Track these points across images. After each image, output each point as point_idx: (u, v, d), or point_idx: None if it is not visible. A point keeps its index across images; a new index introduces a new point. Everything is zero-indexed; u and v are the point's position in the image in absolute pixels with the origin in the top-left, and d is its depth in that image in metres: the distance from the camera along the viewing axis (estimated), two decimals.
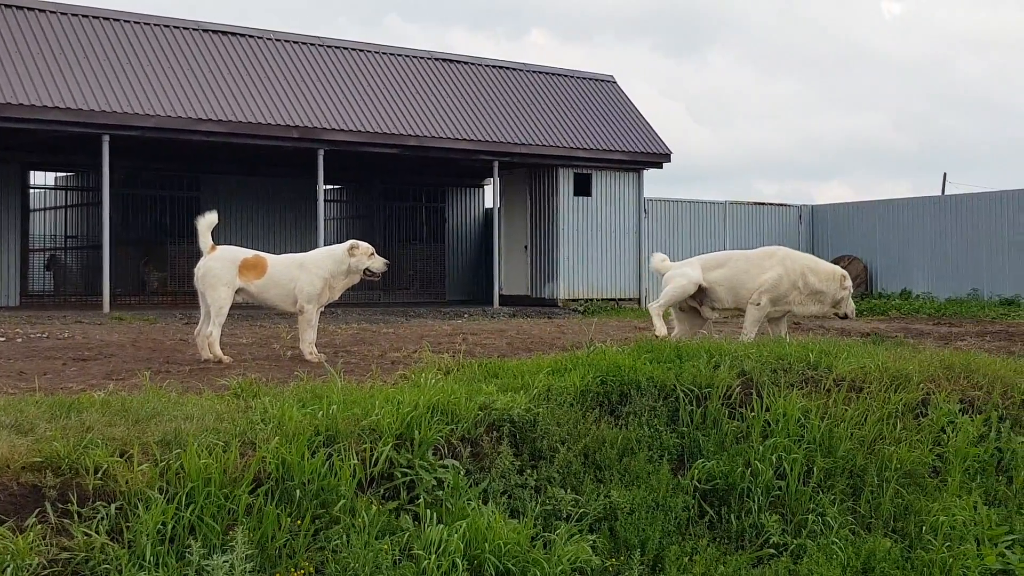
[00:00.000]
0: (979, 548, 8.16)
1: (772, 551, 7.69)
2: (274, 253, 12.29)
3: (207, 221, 11.43)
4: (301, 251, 12.55)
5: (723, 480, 8.02)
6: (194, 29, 23.82)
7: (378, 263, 11.81)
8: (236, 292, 11.43)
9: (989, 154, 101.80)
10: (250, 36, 24.53)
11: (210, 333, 11.27)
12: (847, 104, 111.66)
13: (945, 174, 73.42)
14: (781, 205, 32.08)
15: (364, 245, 11.85)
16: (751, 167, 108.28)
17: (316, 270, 11.58)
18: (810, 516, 8.03)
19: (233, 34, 24.31)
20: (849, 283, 12.72)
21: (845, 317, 12.92)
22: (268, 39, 24.76)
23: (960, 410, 9.64)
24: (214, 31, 24.09)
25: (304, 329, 11.60)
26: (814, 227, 31.92)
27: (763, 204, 31.75)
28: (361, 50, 26.14)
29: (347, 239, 12.36)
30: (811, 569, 7.45)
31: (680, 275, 12.65)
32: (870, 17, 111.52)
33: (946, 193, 39.46)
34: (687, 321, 12.98)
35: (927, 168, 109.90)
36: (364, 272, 11.76)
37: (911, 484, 8.67)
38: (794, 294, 12.53)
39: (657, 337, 11.75)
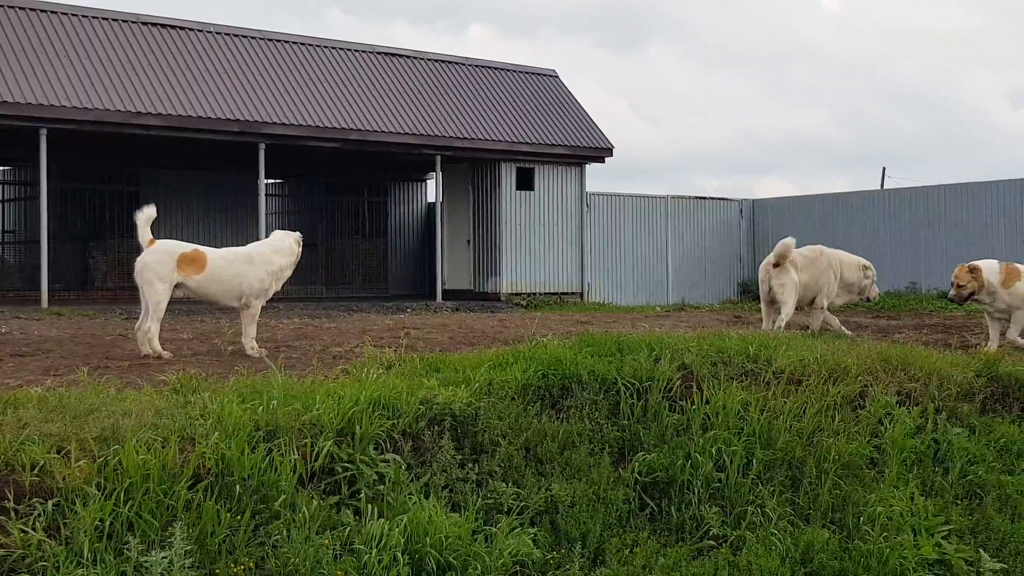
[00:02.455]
0: (916, 538, 8.26)
1: (712, 543, 7.75)
2: (216, 247, 12.17)
3: (146, 215, 11.29)
4: (242, 245, 12.43)
5: (664, 473, 8.07)
6: (133, 22, 23.57)
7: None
8: (176, 287, 11.30)
9: (927, 149, 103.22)
10: (190, 29, 24.32)
11: (149, 328, 11.15)
12: (787, 100, 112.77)
13: (884, 168, 74.20)
14: (722, 200, 32.32)
15: (295, 234, 12.12)
16: (692, 162, 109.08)
17: (265, 264, 11.50)
18: (749, 508, 8.09)
19: (173, 27, 24.08)
20: (872, 272, 14.62)
21: (868, 300, 14.95)
22: (208, 32, 24.55)
23: (897, 402, 9.75)
24: (153, 24, 23.85)
25: (247, 324, 11.53)
26: (755, 221, 32.19)
27: (705, 199, 31.96)
28: (303, 44, 25.99)
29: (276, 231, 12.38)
30: (750, 560, 7.52)
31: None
32: (810, 14, 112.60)
33: (885, 187, 39.92)
34: (772, 315, 14.24)
35: (866, 163, 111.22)
36: None
37: (849, 475, 8.77)
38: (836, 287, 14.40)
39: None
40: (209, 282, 11.36)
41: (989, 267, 13.00)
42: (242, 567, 5.82)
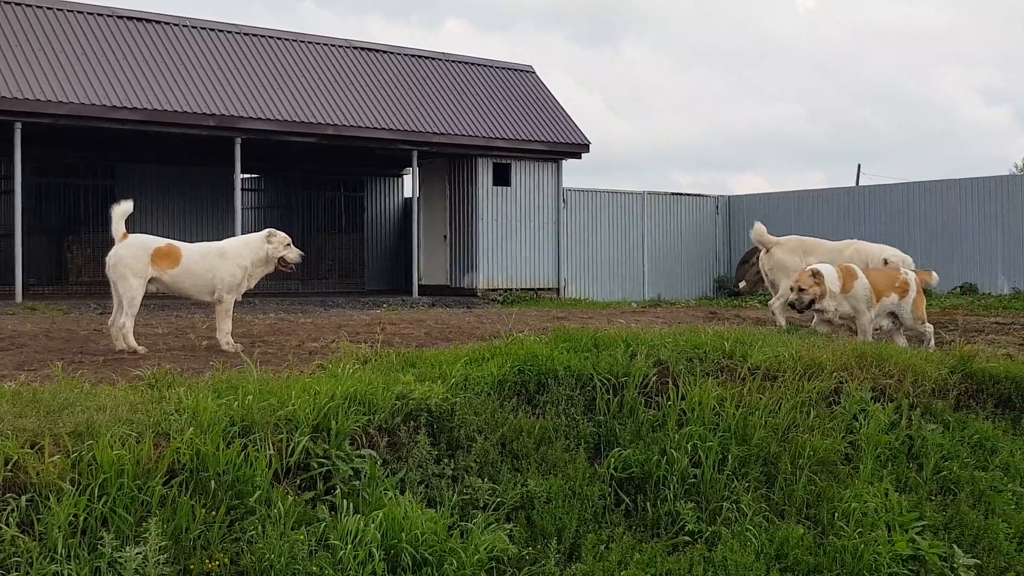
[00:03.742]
0: (890, 534, 8.29)
1: (687, 538, 7.76)
2: (191, 242, 12.13)
3: (121, 209, 11.25)
4: (218, 240, 12.39)
5: (639, 469, 8.08)
6: (109, 15, 23.46)
7: (293, 254, 11.80)
8: (149, 281, 11.26)
9: (901, 145, 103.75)
10: (166, 23, 24.22)
11: (123, 324, 11.11)
12: (761, 96, 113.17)
13: (859, 165, 74.58)
14: (698, 196, 32.40)
15: (281, 235, 11.82)
16: (667, 158, 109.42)
17: (236, 259, 11.48)
18: (725, 504, 8.10)
19: (149, 21, 23.98)
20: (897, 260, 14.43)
21: None
22: (185, 26, 24.45)
23: (872, 398, 9.78)
24: (129, 17, 23.74)
25: (221, 319, 11.49)
26: (731, 217, 32.28)
27: (681, 195, 32.03)
28: (279, 38, 25.92)
29: (265, 228, 12.27)
30: (726, 556, 7.53)
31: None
32: (783, 10, 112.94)
33: (860, 184, 40.09)
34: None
35: (840, 159, 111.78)
36: (279, 262, 11.70)
37: (824, 471, 8.79)
38: None
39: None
40: (183, 276, 11.34)
41: (829, 273, 12.70)
42: (217, 563, 5.80)
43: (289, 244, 11.81)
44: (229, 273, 11.42)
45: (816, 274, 12.59)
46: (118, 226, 11.20)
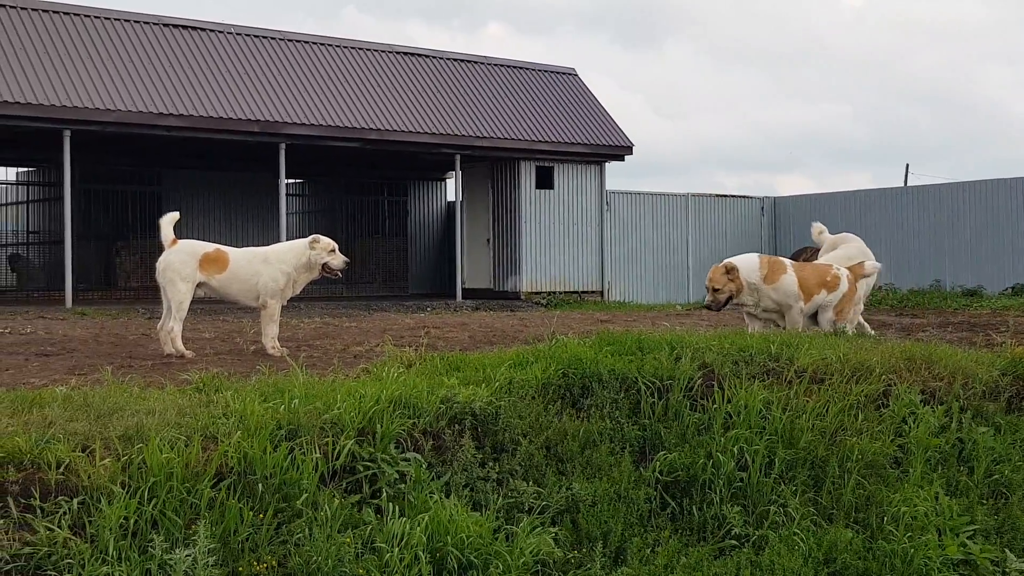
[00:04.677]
0: (940, 538, 8.21)
1: (734, 542, 7.72)
2: (236, 247, 12.22)
3: (170, 217, 11.40)
4: (263, 246, 12.47)
5: (685, 472, 8.05)
6: (155, 24, 23.67)
7: (338, 260, 11.76)
8: (198, 286, 11.37)
9: (949, 145, 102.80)
10: (211, 31, 24.41)
11: (171, 328, 11.21)
12: (806, 96, 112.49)
13: (908, 165, 73.93)
14: (743, 197, 32.22)
15: (326, 240, 11.79)
16: (711, 159, 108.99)
17: (279, 264, 11.54)
18: (772, 507, 8.06)
19: (194, 28, 24.17)
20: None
21: None
22: (229, 33, 24.63)
23: (921, 401, 9.69)
24: (175, 25, 23.94)
25: (267, 324, 11.56)
26: (776, 219, 32.09)
27: (725, 196, 31.87)
28: (322, 44, 26.05)
29: (310, 233, 12.31)
30: (773, 560, 7.49)
31: None
32: (827, 9, 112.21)
33: (908, 184, 39.75)
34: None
35: (887, 159, 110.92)
36: (322, 268, 11.70)
37: (872, 475, 8.72)
38: None
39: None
40: (230, 281, 11.43)
41: (747, 264, 12.16)
42: (265, 565, 5.84)
43: (334, 250, 11.78)
44: (272, 278, 11.47)
45: (730, 270, 12.09)
46: (167, 233, 11.34)
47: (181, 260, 11.29)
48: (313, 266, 11.68)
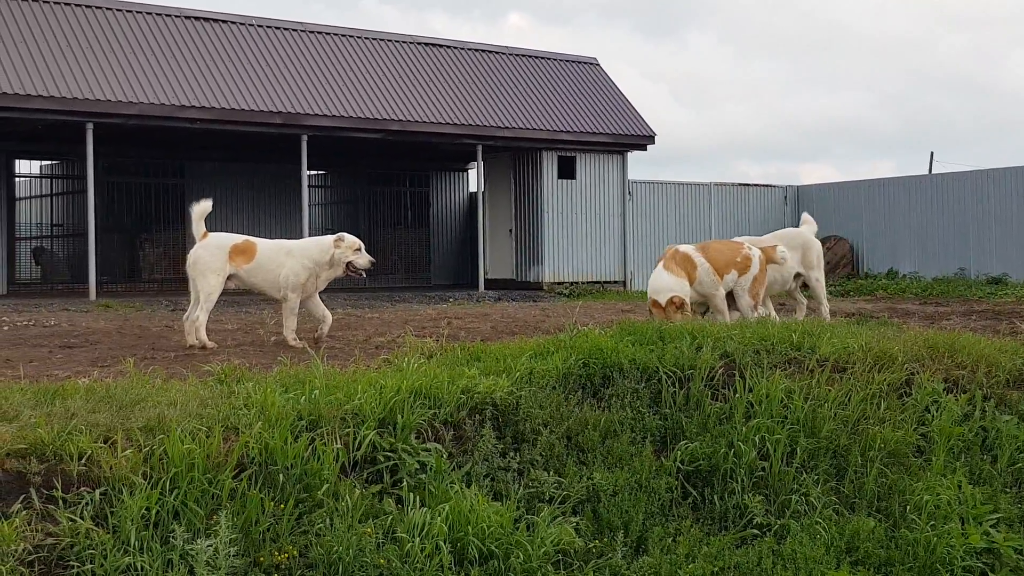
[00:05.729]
0: (964, 527, 8.17)
1: (755, 531, 7.71)
2: (266, 239, 12.26)
3: (201, 209, 11.45)
4: (286, 238, 12.50)
5: (706, 461, 8.04)
6: (176, 16, 23.74)
7: (363, 260, 11.72)
8: (228, 278, 11.43)
9: (974, 132, 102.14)
10: (232, 23, 24.46)
11: (196, 317, 11.28)
12: (829, 84, 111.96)
13: (932, 153, 73.52)
14: (766, 186, 32.09)
15: (351, 239, 11.76)
16: (734, 148, 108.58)
17: (301, 259, 11.55)
18: (793, 496, 8.04)
19: (215, 20, 24.23)
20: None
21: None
22: (250, 25, 24.68)
23: (944, 389, 9.65)
24: (196, 18, 24.01)
25: (287, 316, 11.63)
26: (799, 208, 31.92)
27: (748, 185, 31.75)
28: (343, 35, 26.07)
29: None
30: (795, 549, 7.47)
31: None
32: None
33: (933, 172, 39.52)
34: None
35: (911, 147, 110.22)
36: (347, 266, 11.66)
37: (895, 464, 8.69)
38: None
39: None
40: (256, 272, 11.49)
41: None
42: (286, 555, 5.86)
43: (359, 249, 11.73)
44: (293, 272, 11.49)
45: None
46: (198, 226, 11.43)
47: (211, 253, 11.39)
48: (336, 263, 11.65)
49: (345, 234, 11.88)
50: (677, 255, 12.03)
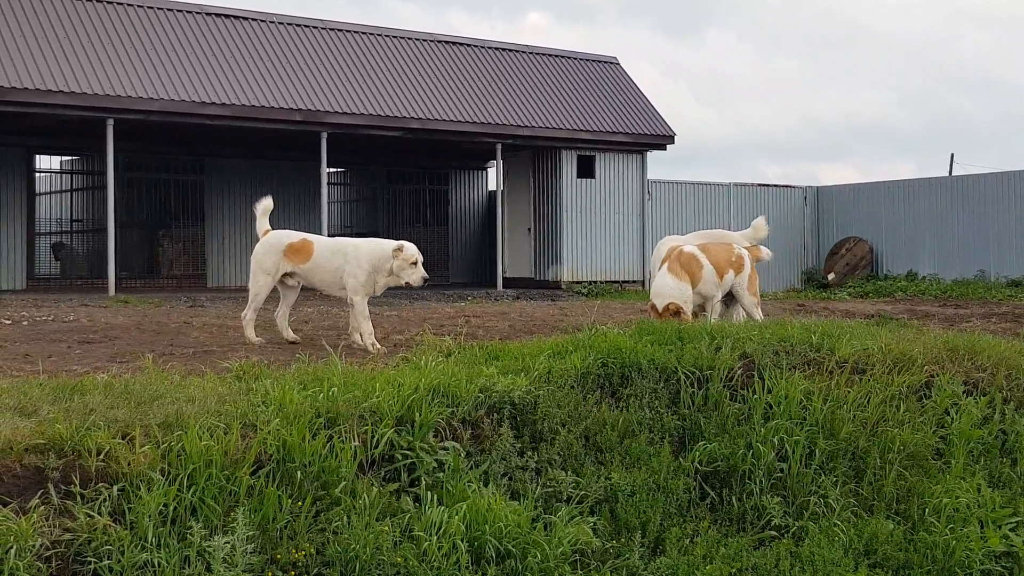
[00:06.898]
0: (983, 530, 8.14)
1: (774, 533, 7.69)
2: (324, 237, 12.21)
3: (264, 206, 11.47)
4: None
5: (724, 462, 8.02)
6: (198, 13, 23.80)
7: (416, 276, 11.01)
8: (288, 275, 11.36)
9: (996, 133, 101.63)
10: (253, 19, 24.51)
11: (244, 315, 11.37)
12: (850, 84, 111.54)
13: (953, 155, 73.21)
14: (786, 187, 31.99)
15: (409, 251, 11.06)
16: (754, 148, 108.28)
17: (356, 260, 11.09)
18: (812, 498, 8.02)
19: (236, 17, 24.29)
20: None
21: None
22: (272, 22, 24.73)
23: (964, 392, 9.61)
24: (218, 14, 24.07)
25: (360, 321, 11.05)
26: (819, 209, 31.84)
27: (767, 186, 31.66)
28: (364, 33, 26.09)
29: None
30: (813, 551, 7.45)
31: None
32: None
33: (953, 174, 39.34)
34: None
35: (932, 148, 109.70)
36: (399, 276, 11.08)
37: (914, 466, 8.66)
38: None
39: None
40: (314, 271, 11.29)
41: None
42: (303, 552, 5.86)
43: (416, 263, 11.01)
44: (352, 274, 11.05)
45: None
46: (262, 223, 11.45)
47: (264, 252, 11.37)
48: (391, 272, 11.03)
49: (405, 243, 11.19)
50: (682, 256, 11.77)
